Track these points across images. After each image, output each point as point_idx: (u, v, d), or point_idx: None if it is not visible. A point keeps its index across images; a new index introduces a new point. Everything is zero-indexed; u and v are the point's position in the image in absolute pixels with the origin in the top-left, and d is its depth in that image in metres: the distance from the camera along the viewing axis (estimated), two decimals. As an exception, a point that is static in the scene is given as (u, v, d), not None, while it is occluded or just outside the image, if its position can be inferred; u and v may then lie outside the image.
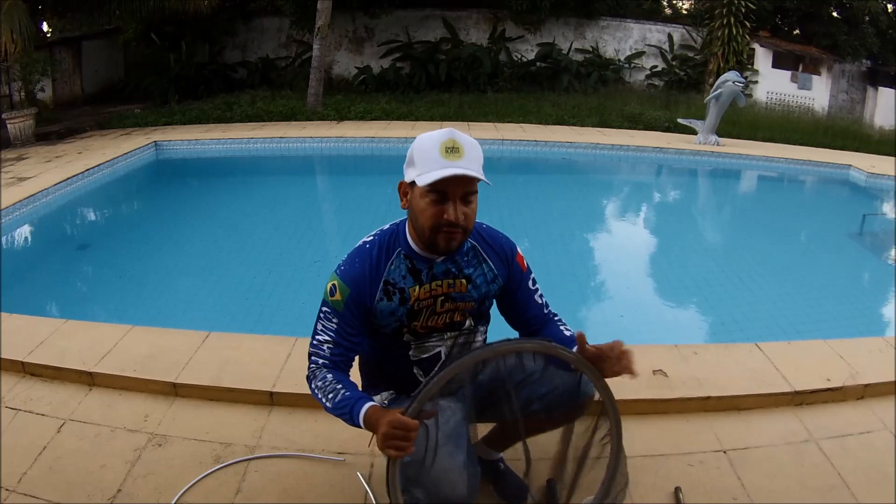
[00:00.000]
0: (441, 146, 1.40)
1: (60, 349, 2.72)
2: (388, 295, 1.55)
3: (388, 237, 1.58)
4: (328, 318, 1.56)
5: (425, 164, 1.41)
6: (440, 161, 1.39)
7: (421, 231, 1.48)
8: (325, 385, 1.53)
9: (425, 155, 1.42)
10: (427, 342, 1.64)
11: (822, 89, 12.59)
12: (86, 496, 1.95)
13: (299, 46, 13.25)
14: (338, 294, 1.54)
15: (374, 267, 1.55)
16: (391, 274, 1.55)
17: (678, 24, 13.94)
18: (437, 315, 1.60)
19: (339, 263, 1.58)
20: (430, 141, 1.42)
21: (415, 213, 1.47)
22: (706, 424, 2.35)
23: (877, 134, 10.56)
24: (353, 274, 1.54)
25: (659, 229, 6.58)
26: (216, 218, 6.24)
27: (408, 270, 1.55)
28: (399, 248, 1.56)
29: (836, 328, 3.86)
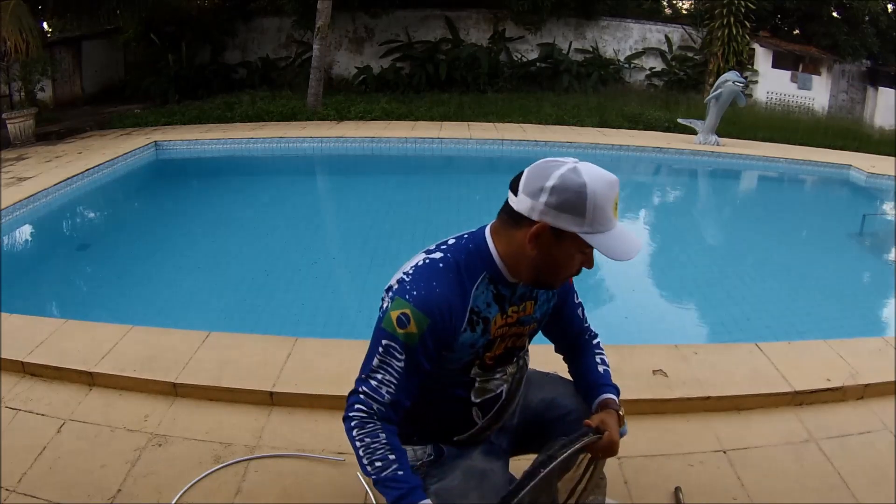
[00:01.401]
0: (614, 201, 1.23)
1: (60, 349, 2.72)
2: (472, 325, 1.33)
3: (467, 257, 1.32)
4: (392, 355, 1.28)
5: (599, 223, 1.22)
6: (612, 221, 1.23)
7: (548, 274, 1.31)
8: (373, 446, 1.28)
9: (601, 212, 1.21)
10: (491, 380, 1.46)
11: (822, 89, 12.59)
12: (86, 496, 1.95)
13: (299, 46, 13.25)
14: (412, 326, 1.25)
15: (461, 292, 1.30)
16: (476, 300, 1.32)
17: (678, 24, 13.94)
18: (504, 340, 1.42)
19: (402, 285, 1.28)
20: (606, 193, 1.21)
21: (553, 259, 1.27)
22: (706, 424, 2.35)
23: (877, 134, 10.56)
24: (435, 301, 1.26)
25: (659, 229, 6.58)
26: (216, 218, 6.24)
27: (493, 297, 1.34)
28: (484, 271, 1.32)
29: (836, 328, 3.86)
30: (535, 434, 1.63)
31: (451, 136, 8.74)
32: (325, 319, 3.91)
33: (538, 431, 1.63)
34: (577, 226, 1.21)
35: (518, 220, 1.26)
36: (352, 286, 4.61)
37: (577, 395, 1.64)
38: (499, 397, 1.49)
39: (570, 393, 1.64)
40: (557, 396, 1.64)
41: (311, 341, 2.82)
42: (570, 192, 1.20)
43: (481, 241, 1.33)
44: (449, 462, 1.51)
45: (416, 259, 1.34)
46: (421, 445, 1.51)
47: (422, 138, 8.68)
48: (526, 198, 1.23)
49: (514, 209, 1.26)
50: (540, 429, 1.63)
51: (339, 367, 2.57)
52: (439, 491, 1.46)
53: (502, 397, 1.50)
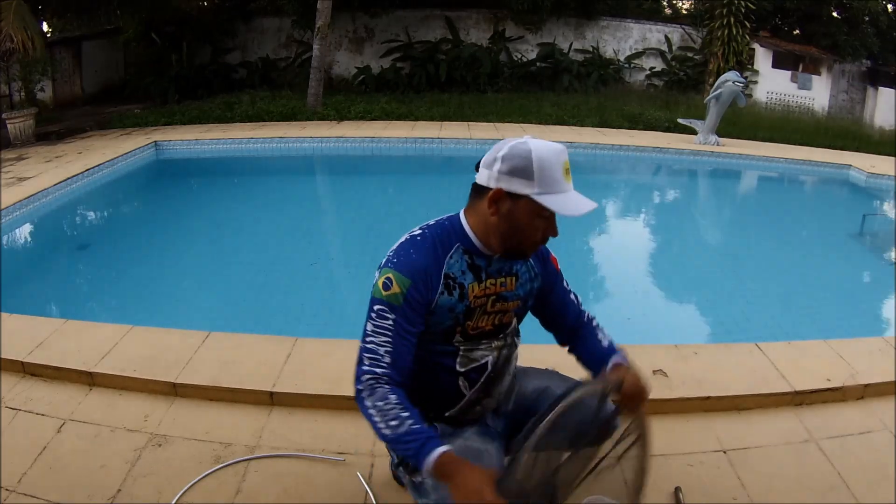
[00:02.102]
0: (563, 168, 1.35)
1: (60, 349, 2.72)
2: (448, 289, 1.44)
3: (442, 231, 1.47)
4: (383, 317, 1.40)
5: (548, 184, 1.34)
6: (563, 184, 1.35)
7: (516, 242, 1.42)
8: (386, 407, 1.35)
9: (548, 173, 1.34)
10: (476, 350, 1.53)
11: (822, 89, 12.59)
12: (86, 496, 1.95)
13: (299, 46, 13.25)
14: (395, 286, 1.38)
15: (435, 258, 1.43)
16: (451, 267, 1.45)
17: (678, 24, 13.95)
18: (487, 315, 1.52)
19: (387, 258, 1.44)
20: (551, 157, 1.34)
21: (514, 224, 1.39)
22: (706, 424, 2.35)
23: (877, 134, 10.56)
24: (413, 264, 1.40)
25: (659, 229, 6.58)
26: (216, 218, 6.24)
27: (467, 266, 1.46)
28: (457, 242, 1.46)
29: (836, 328, 3.86)
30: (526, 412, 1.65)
31: (451, 136, 8.74)
32: (325, 319, 3.91)
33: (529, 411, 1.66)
34: (528, 188, 1.35)
35: (480, 192, 1.42)
36: (352, 286, 4.61)
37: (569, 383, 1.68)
38: (484, 368, 1.55)
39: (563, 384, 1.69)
40: (551, 385, 1.70)
41: (311, 341, 2.82)
42: (518, 158, 1.35)
43: (455, 219, 1.49)
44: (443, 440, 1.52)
45: (401, 239, 1.50)
46: None
47: (422, 138, 8.69)
48: (484, 170, 1.41)
49: (477, 183, 1.43)
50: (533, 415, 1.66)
51: (339, 367, 2.57)
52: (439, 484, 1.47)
53: (488, 368, 1.55)
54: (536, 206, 1.35)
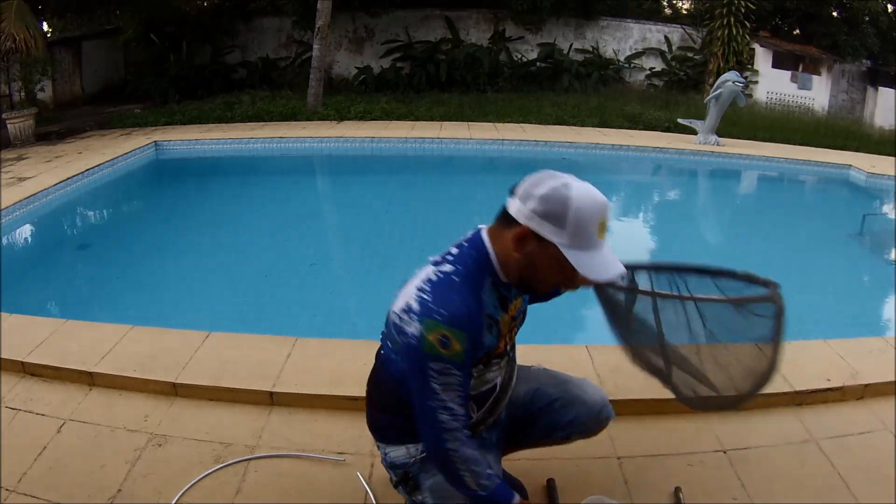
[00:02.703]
0: (599, 224, 1.28)
1: (60, 349, 2.72)
2: (489, 328, 1.40)
3: (474, 265, 1.37)
4: (447, 374, 1.31)
5: (579, 239, 1.27)
6: (595, 241, 1.28)
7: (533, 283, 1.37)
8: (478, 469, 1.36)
9: (582, 227, 1.26)
10: (487, 373, 1.50)
11: (822, 89, 12.59)
12: (86, 496, 1.95)
13: (299, 46, 13.25)
14: (455, 344, 1.29)
15: (476, 300, 1.35)
16: (487, 306, 1.38)
17: (678, 24, 13.94)
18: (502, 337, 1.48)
19: (427, 307, 1.31)
20: (589, 211, 1.26)
21: (534, 266, 1.33)
22: (706, 424, 2.35)
23: (877, 134, 10.55)
24: (463, 315, 1.31)
25: (659, 229, 6.58)
26: (216, 218, 6.24)
27: (497, 300, 1.41)
28: (488, 276, 1.38)
29: (836, 328, 3.85)
30: (523, 425, 1.69)
31: (451, 136, 8.74)
32: (325, 319, 3.91)
33: (527, 422, 1.69)
34: (557, 236, 1.27)
35: (510, 222, 1.32)
36: (352, 286, 4.61)
37: (559, 383, 1.70)
38: (493, 389, 1.53)
39: (552, 382, 1.71)
40: (541, 386, 1.70)
41: (311, 341, 2.82)
42: (554, 203, 1.26)
43: (480, 246, 1.38)
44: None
45: (425, 273, 1.37)
46: (414, 443, 1.54)
47: (422, 138, 8.68)
48: (518, 201, 1.31)
49: (508, 210, 1.33)
50: (528, 419, 1.69)
51: (339, 367, 2.57)
52: (434, 486, 1.50)
53: (496, 389, 1.54)
54: (562, 256, 1.28)
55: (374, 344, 2.66)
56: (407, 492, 1.58)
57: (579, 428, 1.69)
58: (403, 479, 1.57)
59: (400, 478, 1.58)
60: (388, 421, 1.57)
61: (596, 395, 1.69)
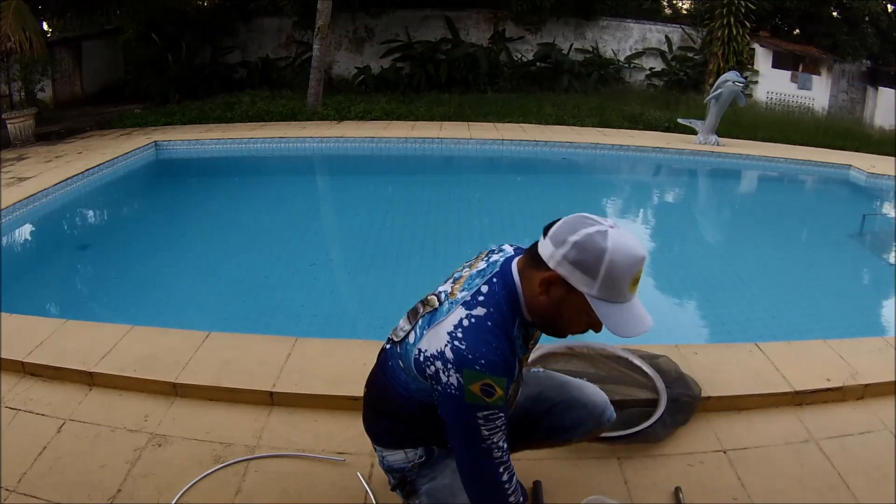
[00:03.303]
0: (633, 277, 1.25)
1: (60, 349, 2.72)
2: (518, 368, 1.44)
3: (506, 307, 1.35)
4: (494, 419, 1.31)
5: (609, 291, 1.24)
6: (625, 294, 1.25)
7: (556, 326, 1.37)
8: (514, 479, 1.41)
9: (613, 281, 1.23)
10: None
11: (822, 89, 12.58)
12: (86, 496, 1.95)
13: (299, 46, 13.25)
14: (498, 391, 1.28)
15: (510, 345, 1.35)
16: (515, 347, 1.39)
17: (678, 25, 13.94)
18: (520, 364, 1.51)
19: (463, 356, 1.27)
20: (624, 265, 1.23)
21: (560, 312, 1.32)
22: (706, 424, 2.35)
23: (877, 134, 10.55)
24: (500, 361, 1.30)
25: (659, 229, 6.58)
26: (216, 218, 6.24)
27: (523, 339, 1.42)
28: (517, 316, 1.37)
29: (836, 328, 3.86)
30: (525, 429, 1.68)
31: (451, 136, 8.74)
32: (325, 319, 3.91)
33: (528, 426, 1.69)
34: (587, 287, 1.24)
35: (539, 264, 1.29)
36: (352, 286, 4.61)
37: (560, 385, 1.70)
38: None
39: (553, 385, 1.71)
40: (543, 390, 1.70)
41: (311, 341, 2.82)
42: (589, 253, 1.22)
43: (511, 285, 1.35)
44: (439, 462, 1.54)
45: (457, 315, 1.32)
46: (412, 448, 1.55)
47: (422, 138, 8.68)
48: (550, 244, 1.27)
49: (538, 251, 1.30)
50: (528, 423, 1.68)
51: (339, 367, 2.57)
52: (431, 490, 1.50)
53: None
54: (589, 307, 1.26)
55: (374, 344, 2.66)
56: (404, 495, 1.59)
57: (581, 430, 1.70)
58: (401, 482, 1.58)
59: (398, 481, 1.59)
60: (388, 427, 1.57)
61: (597, 397, 1.69)
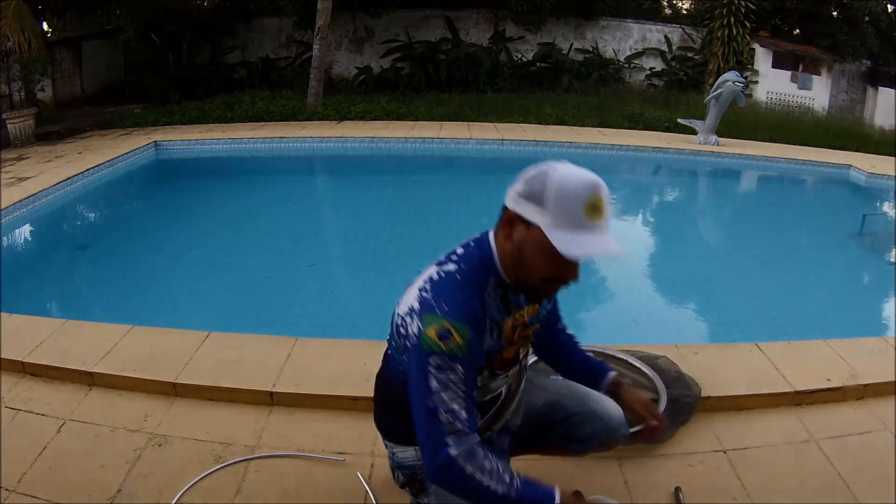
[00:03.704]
0: (587, 203, 1.17)
1: (60, 349, 2.72)
2: (490, 332, 1.34)
3: (478, 263, 1.32)
4: (448, 369, 1.22)
5: (562, 218, 1.18)
6: (582, 222, 1.17)
7: (524, 275, 1.29)
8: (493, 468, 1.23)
9: (565, 205, 1.17)
10: (493, 382, 1.45)
11: (822, 89, 12.59)
12: (86, 496, 1.95)
13: (299, 46, 13.26)
14: (456, 337, 1.21)
15: (480, 299, 1.29)
16: (490, 307, 1.32)
17: (678, 25, 13.95)
18: (512, 345, 1.43)
19: (428, 304, 1.25)
20: (574, 188, 1.18)
21: (523, 255, 1.26)
22: (706, 424, 2.35)
23: (877, 134, 10.55)
24: (467, 310, 1.25)
25: (659, 229, 6.58)
26: (216, 218, 6.23)
27: (501, 301, 1.35)
28: (490, 275, 1.32)
29: (836, 328, 3.85)
30: (537, 434, 1.67)
31: (451, 136, 8.74)
32: (325, 319, 3.91)
33: (541, 432, 1.67)
34: (540, 217, 1.20)
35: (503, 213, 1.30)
36: (352, 286, 4.61)
37: (579, 396, 1.66)
38: (498, 397, 1.51)
39: (572, 395, 1.67)
40: (561, 398, 1.67)
41: (311, 341, 2.82)
42: (536, 182, 1.21)
43: (485, 246, 1.33)
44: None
45: (429, 273, 1.32)
46: None
47: (422, 138, 8.68)
48: (508, 189, 1.28)
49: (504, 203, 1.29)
50: (543, 430, 1.67)
51: (339, 367, 2.57)
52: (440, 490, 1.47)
53: (502, 396, 1.51)
54: (546, 240, 1.19)
55: (374, 343, 2.66)
56: (413, 493, 1.57)
57: (596, 443, 1.66)
58: (410, 480, 1.56)
59: (407, 478, 1.57)
60: (395, 422, 1.54)
61: (615, 411, 1.64)
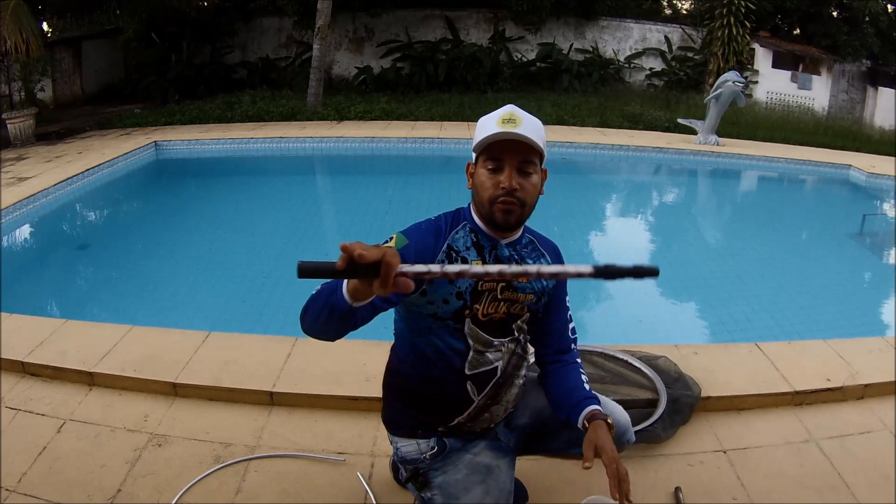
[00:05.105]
0: (499, 118, 1.40)
1: (60, 349, 2.72)
2: (450, 259, 1.45)
3: (454, 213, 1.54)
4: None
5: (482, 135, 1.41)
6: (496, 129, 1.39)
7: (481, 204, 1.45)
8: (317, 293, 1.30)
9: (483, 129, 1.42)
10: (487, 352, 1.49)
11: (822, 89, 12.59)
12: (86, 496, 1.95)
13: (299, 46, 13.25)
14: (392, 241, 1.40)
15: (438, 231, 1.48)
16: (455, 241, 1.47)
17: (678, 25, 13.95)
18: (498, 301, 1.48)
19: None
20: (489, 117, 1.44)
21: (476, 187, 1.46)
22: (706, 424, 2.35)
23: (877, 134, 10.56)
24: (417, 231, 1.46)
25: (659, 229, 6.58)
26: (216, 218, 6.24)
27: (472, 243, 1.48)
28: (464, 221, 1.51)
29: (836, 328, 3.86)
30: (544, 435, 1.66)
31: (451, 136, 8.74)
32: (325, 319, 3.90)
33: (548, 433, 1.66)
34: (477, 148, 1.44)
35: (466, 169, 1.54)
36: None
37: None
38: (493, 373, 1.51)
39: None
40: None
41: (311, 341, 2.78)
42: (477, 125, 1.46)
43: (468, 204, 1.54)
44: (453, 455, 1.54)
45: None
46: (425, 439, 1.55)
47: (422, 138, 8.68)
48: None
49: None
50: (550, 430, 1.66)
51: (338, 367, 2.57)
52: (443, 484, 1.48)
53: (497, 374, 1.51)
54: (479, 157, 1.43)
55: (374, 343, 2.66)
56: (417, 487, 1.57)
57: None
58: (414, 474, 1.57)
59: (410, 474, 1.58)
60: (399, 410, 1.59)
61: (622, 417, 1.63)
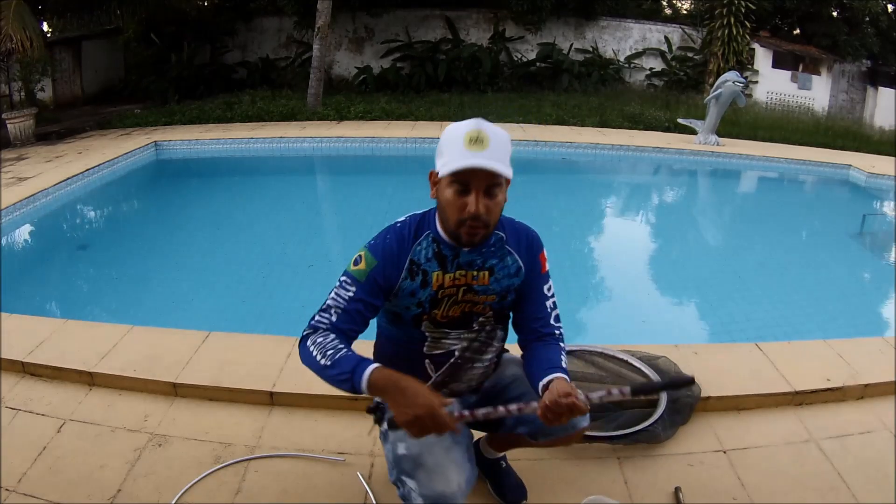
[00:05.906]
0: (465, 137, 1.38)
1: (60, 349, 2.72)
2: (411, 274, 1.51)
3: (420, 219, 1.56)
4: (345, 287, 1.50)
5: (449, 155, 1.40)
6: (463, 152, 1.37)
7: (447, 221, 1.47)
8: (325, 343, 1.43)
9: (450, 145, 1.41)
10: (444, 339, 1.59)
11: (822, 89, 12.60)
12: (86, 496, 1.95)
13: (299, 46, 13.26)
14: (363, 264, 1.50)
15: (401, 241, 1.52)
16: (417, 254, 1.52)
17: (678, 25, 13.95)
18: (457, 304, 1.55)
19: (370, 240, 1.55)
20: (455, 131, 1.41)
21: (441, 203, 1.47)
22: (706, 424, 2.35)
23: (877, 134, 10.56)
24: (383, 248, 1.51)
25: (659, 229, 6.58)
26: (216, 218, 6.24)
27: (434, 254, 1.52)
28: (428, 230, 1.53)
29: (836, 328, 3.86)
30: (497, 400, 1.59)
31: (451, 136, 8.73)
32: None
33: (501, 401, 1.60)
34: (440, 164, 1.42)
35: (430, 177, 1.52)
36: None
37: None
38: (450, 354, 1.59)
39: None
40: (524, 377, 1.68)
41: (311, 341, 2.81)
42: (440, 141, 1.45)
43: (433, 209, 1.55)
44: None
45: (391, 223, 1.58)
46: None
47: (422, 138, 8.68)
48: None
49: None
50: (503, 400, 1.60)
51: (339, 367, 2.57)
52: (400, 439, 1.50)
53: (454, 355, 1.59)
54: (445, 179, 1.41)
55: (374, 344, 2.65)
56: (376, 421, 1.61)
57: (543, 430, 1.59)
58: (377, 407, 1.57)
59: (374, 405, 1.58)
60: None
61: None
